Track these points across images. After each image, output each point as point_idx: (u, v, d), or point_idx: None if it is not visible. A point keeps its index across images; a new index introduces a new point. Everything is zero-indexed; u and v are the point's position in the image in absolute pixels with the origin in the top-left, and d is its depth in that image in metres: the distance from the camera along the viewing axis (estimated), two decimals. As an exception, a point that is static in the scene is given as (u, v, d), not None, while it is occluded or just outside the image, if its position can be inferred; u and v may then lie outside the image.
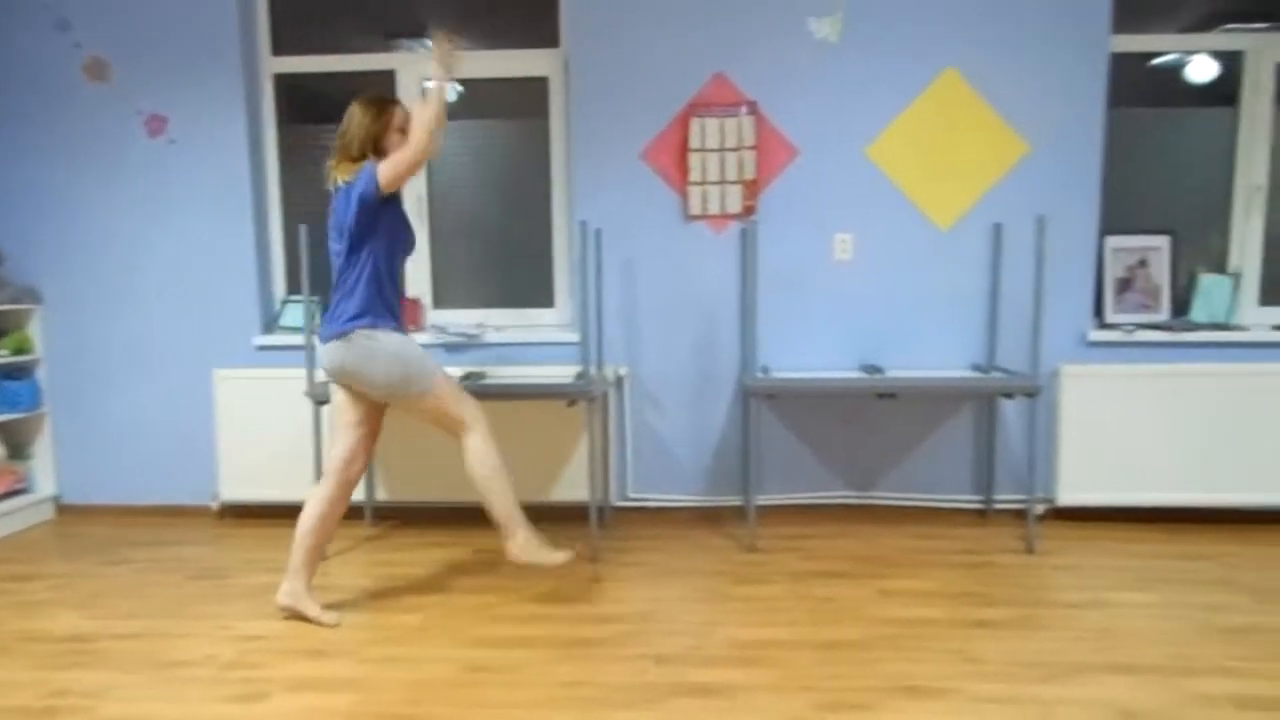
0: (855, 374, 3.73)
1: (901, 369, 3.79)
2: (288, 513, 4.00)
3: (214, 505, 4.12)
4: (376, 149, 2.80)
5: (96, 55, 3.94)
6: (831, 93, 3.80)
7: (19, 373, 4.06)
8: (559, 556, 2.94)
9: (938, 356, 3.88)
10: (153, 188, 4.02)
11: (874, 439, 3.98)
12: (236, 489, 4.03)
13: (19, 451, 4.16)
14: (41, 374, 4.12)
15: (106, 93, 3.97)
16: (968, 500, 3.98)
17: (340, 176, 2.80)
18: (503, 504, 2.90)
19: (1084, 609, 2.95)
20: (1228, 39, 3.88)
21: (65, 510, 4.21)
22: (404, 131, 2.82)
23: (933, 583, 3.20)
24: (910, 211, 3.83)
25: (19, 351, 4.02)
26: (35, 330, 4.10)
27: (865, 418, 3.96)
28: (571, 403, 3.72)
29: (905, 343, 3.89)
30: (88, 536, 3.91)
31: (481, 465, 2.88)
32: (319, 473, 3.50)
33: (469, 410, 2.90)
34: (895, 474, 3.99)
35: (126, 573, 3.45)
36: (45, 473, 4.17)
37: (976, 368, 3.85)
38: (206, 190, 4.01)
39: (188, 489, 4.14)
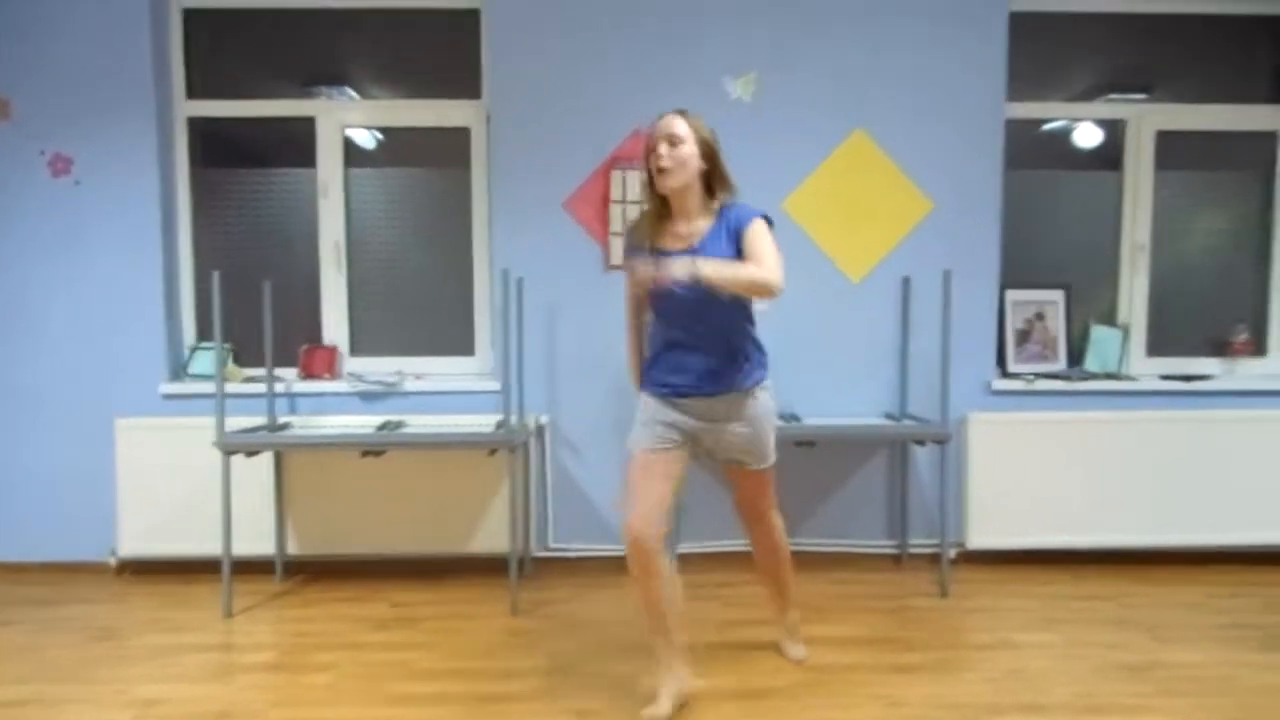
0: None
1: (817, 417, 3.89)
2: (192, 569, 3.86)
3: (112, 561, 3.91)
4: None
5: (-3, 93, 3.82)
6: (748, 149, 3.88)
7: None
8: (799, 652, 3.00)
9: (851, 405, 3.99)
10: (55, 229, 3.86)
11: (790, 486, 4.02)
12: (137, 544, 3.84)
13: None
14: (-76, 424, 3.89)
15: (7, 130, 3.83)
16: (883, 545, 4.07)
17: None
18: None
19: (995, 650, 3.04)
20: (1111, 108, 4.17)
21: (-55, 570, 3.95)
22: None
23: (853, 628, 3.25)
24: (824, 264, 3.96)
25: (-101, 400, 3.79)
26: (-81, 378, 3.86)
27: (781, 465, 4.01)
28: (492, 452, 3.69)
29: (820, 391, 3.99)
30: (-30, 598, 3.67)
31: (786, 543, 3.01)
32: (227, 526, 3.38)
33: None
34: (812, 520, 4.06)
35: (15, 634, 3.25)
36: (-76, 530, 3.91)
37: (889, 416, 3.97)
38: (113, 233, 3.88)
39: (84, 544, 3.92)
